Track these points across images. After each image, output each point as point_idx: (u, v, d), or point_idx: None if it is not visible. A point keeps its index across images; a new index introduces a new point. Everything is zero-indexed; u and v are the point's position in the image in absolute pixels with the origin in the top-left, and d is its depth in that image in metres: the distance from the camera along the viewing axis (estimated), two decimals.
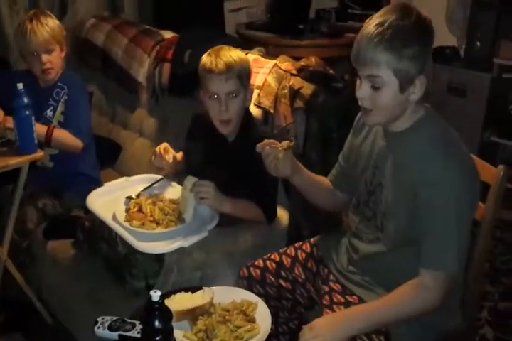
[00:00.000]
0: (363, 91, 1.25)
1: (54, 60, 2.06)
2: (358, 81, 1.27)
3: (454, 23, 3.04)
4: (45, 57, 2.03)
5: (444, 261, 1.25)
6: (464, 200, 1.24)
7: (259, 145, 1.44)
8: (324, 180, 1.59)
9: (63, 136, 2.04)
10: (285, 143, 1.43)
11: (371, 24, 1.21)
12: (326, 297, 1.44)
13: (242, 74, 1.71)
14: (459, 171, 1.23)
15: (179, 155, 1.88)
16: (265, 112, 1.98)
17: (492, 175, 1.45)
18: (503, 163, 3.00)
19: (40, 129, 1.94)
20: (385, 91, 1.23)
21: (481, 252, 1.48)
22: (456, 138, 1.30)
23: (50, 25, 2.04)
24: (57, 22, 2.10)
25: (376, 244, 1.39)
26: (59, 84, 2.12)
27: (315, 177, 1.56)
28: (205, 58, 1.72)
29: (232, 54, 1.72)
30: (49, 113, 2.11)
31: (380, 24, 1.19)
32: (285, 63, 2.04)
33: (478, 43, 2.88)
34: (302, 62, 2.03)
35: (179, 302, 1.40)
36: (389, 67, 1.20)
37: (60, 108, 2.11)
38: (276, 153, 1.41)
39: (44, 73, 2.07)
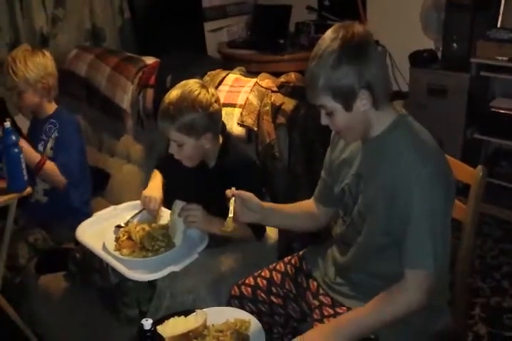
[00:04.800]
0: (323, 119, 1.33)
1: (23, 101, 2.09)
2: None
3: (430, 26, 3.08)
4: (15, 98, 2.08)
5: (421, 259, 1.26)
6: (438, 200, 1.26)
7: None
8: (297, 206, 1.60)
9: (52, 169, 2.04)
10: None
11: (310, 58, 1.28)
12: (317, 311, 1.45)
13: (188, 127, 1.62)
14: (432, 172, 1.25)
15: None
16: (249, 130, 1.99)
17: (471, 176, 1.46)
18: (486, 159, 3.03)
19: (34, 157, 1.98)
20: (337, 116, 1.30)
21: (466, 251, 1.48)
22: (429, 139, 1.32)
23: (29, 67, 2.04)
24: (42, 61, 2.09)
25: (356, 248, 1.40)
26: (52, 120, 2.15)
27: (289, 209, 1.58)
28: (168, 93, 1.67)
29: (190, 100, 1.61)
30: (40, 147, 2.14)
31: (314, 57, 1.26)
32: (265, 81, 2.07)
33: (454, 44, 2.92)
34: (282, 79, 2.05)
35: (173, 327, 1.41)
36: (326, 95, 1.26)
37: (50, 143, 2.12)
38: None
39: (18, 108, 2.14)
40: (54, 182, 2.08)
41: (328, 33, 1.27)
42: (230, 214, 1.43)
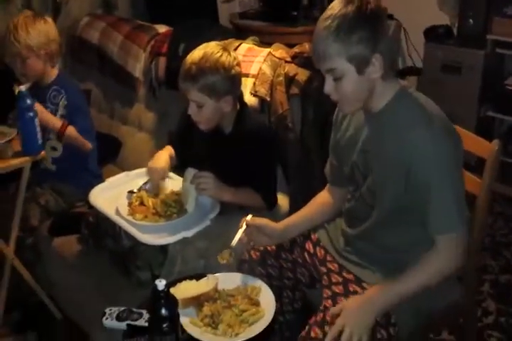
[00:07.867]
0: (328, 86, 1.31)
1: (27, 68, 2.07)
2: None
3: (447, 1, 3.04)
4: (19, 65, 2.06)
5: (450, 222, 1.28)
6: (452, 162, 1.28)
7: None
8: (312, 205, 1.60)
9: (75, 134, 2.08)
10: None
11: (320, 20, 1.27)
12: (325, 277, 1.48)
13: (210, 88, 1.62)
14: (442, 136, 1.26)
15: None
16: (261, 100, 1.98)
17: (487, 150, 1.46)
18: (499, 137, 3.04)
19: (55, 122, 2.04)
20: (346, 80, 1.27)
21: (479, 226, 1.50)
22: (433, 107, 1.32)
23: (31, 34, 2.03)
24: (44, 28, 2.07)
25: (368, 222, 1.42)
26: (54, 87, 2.14)
27: (305, 213, 1.59)
28: (190, 54, 1.66)
29: (212, 61, 1.61)
30: None
31: (326, 19, 1.25)
32: (279, 51, 2.05)
33: (470, 21, 2.89)
34: (296, 49, 2.03)
35: (184, 290, 1.43)
36: (341, 56, 1.24)
37: (60, 111, 2.12)
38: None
39: (20, 76, 2.10)
40: (79, 146, 2.11)
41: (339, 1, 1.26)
42: (233, 244, 1.47)
